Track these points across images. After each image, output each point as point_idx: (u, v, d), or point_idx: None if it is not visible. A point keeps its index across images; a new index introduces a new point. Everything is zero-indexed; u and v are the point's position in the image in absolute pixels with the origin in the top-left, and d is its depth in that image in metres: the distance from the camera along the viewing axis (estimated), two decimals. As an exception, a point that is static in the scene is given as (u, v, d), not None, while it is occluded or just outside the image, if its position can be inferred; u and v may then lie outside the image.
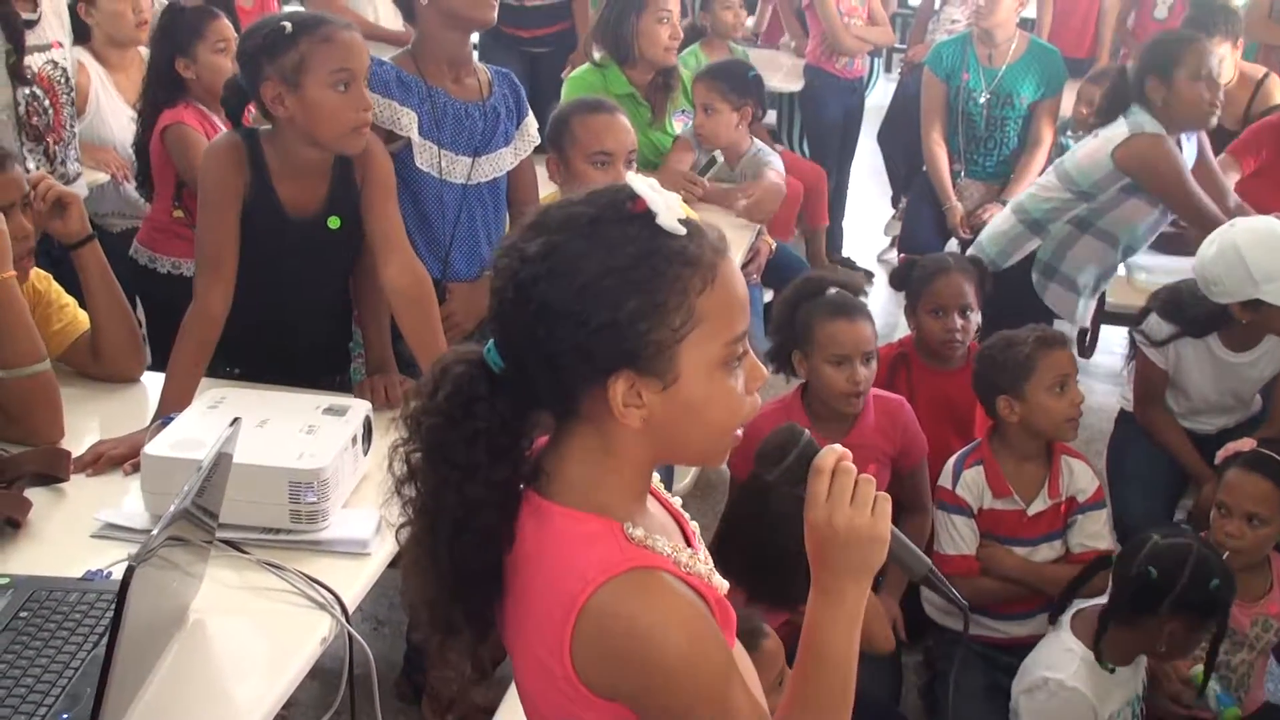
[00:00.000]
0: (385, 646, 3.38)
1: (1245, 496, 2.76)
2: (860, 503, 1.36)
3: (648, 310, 1.25)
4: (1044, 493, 2.98)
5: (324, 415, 2.24)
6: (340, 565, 2.05)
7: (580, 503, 1.32)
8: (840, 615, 1.37)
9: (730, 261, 1.33)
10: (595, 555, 1.28)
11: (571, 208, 1.30)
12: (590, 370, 1.26)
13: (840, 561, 1.36)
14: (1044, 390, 2.92)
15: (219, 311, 2.51)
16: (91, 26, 4.18)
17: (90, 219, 4.01)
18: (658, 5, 4.11)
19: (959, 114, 4.99)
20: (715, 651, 1.29)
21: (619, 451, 1.32)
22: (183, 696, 1.75)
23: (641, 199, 1.27)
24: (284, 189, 2.56)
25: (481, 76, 3.03)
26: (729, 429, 1.34)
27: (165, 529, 1.60)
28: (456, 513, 1.30)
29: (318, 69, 2.42)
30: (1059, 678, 2.62)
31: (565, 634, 1.27)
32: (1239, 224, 3.19)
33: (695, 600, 1.30)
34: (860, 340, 2.95)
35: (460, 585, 1.33)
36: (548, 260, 1.26)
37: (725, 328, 1.29)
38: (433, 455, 1.30)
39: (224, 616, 1.92)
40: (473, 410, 1.29)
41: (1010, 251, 3.99)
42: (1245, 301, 3.07)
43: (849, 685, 1.38)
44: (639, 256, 1.25)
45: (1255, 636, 2.84)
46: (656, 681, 1.26)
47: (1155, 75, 3.68)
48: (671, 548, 1.34)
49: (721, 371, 1.30)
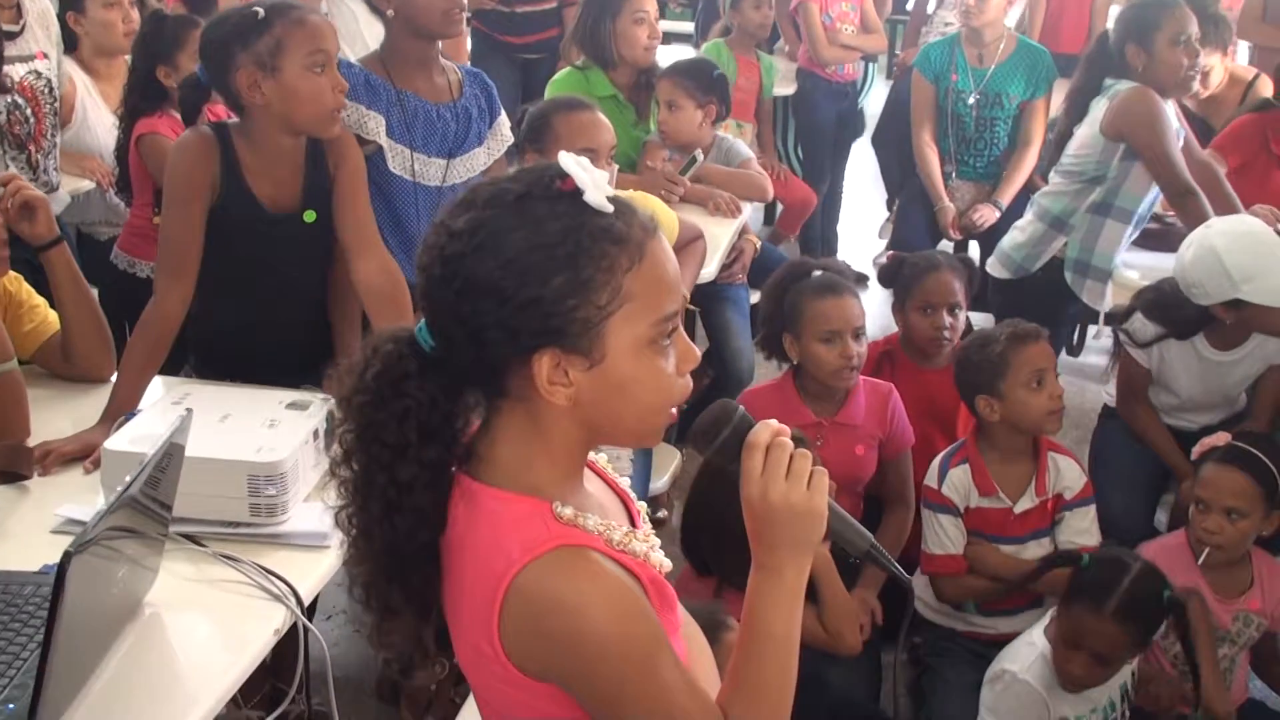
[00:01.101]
0: (367, 649, 3.36)
1: (1223, 491, 2.74)
2: (796, 477, 1.34)
3: (573, 287, 1.25)
4: (1030, 490, 2.95)
5: (286, 410, 2.24)
6: (299, 558, 2.05)
7: (510, 484, 1.32)
8: (780, 592, 1.36)
9: (661, 241, 1.32)
10: (521, 535, 1.27)
11: (500, 185, 1.30)
12: (515, 347, 1.26)
13: (777, 537, 1.35)
14: (1021, 386, 2.89)
15: (177, 311, 2.50)
16: (80, 36, 4.20)
17: (77, 228, 4.09)
18: (634, 6, 4.11)
19: (949, 115, 4.98)
20: (644, 628, 1.28)
21: (548, 431, 1.32)
22: (135, 686, 1.75)
23: (570, 177, 1.27)
24: (258, 183, 2.55)
25: (452, 77, 3.03)
26: (659, 409, 1.33)
27: (105, 517, 1.60)
28: (388, 492, 1.29)
29: (295, 52, 2.42)
30: (1013, 669, 2.62)
31: (493, 615, 1.26)
32: (1215, 225, 3.18)
33: (623, 577, 1.30)
34: (850, 315, 2.98)
35: (395, 565, 1.33)
36: (474, 236, 1.26)
37: (654, 307, 1.29)
38: (364, 434, 1.30)
39: (179, 608, 1.92)
40: (402, 388, 1.29)
41: (1038, 254, 3.98)
42: (1227, 302, 3.05)
43: (790, 663, 1.37)
44: (565, 233, 1.25)
45: (1237, 632, 2.82)
46: (584, 659, 1.26)
47: (1135, 42, 3.70)
48: (603, 526, 1.33)
49: (650, 351, 1.30)
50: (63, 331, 2.63)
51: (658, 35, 4.21)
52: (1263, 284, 2.99)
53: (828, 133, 5.89)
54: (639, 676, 1.28)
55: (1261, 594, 2.84)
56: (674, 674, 1.31)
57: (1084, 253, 3.87)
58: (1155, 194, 3.81)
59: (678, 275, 1.34)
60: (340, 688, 2.17)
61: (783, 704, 1.37)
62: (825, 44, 5.68)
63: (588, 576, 1.27)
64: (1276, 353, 3.20)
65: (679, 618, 1.46)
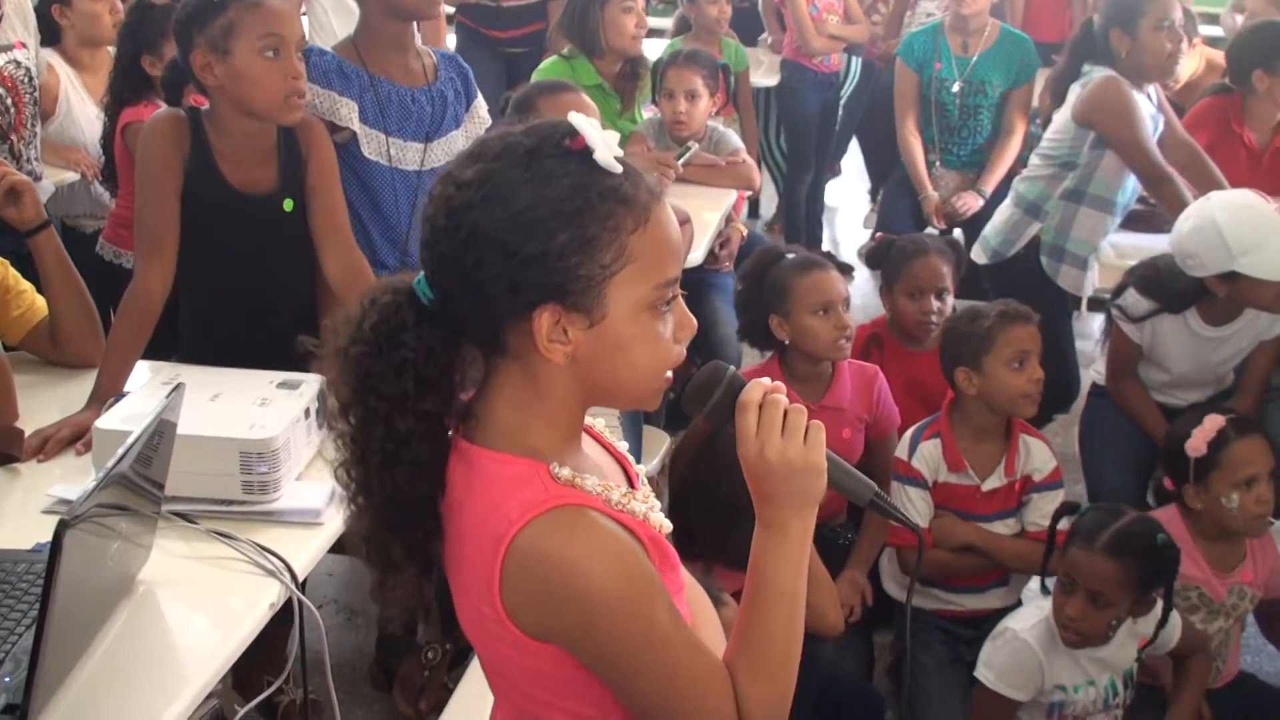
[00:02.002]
0: (360, 637, 3.38)
1: (1263, 457, 2.76)
2: (791, 432, 1.34)
3: (578, 244, 1.25)
4: (1000, 470, 2.95)
5: (277, 389, 2.23)
6: (292, 535, 2.05)
7: (507, 445, 1.31)
8: (786, 548, 1.36)
9: (665, 207, 1.32)
10: (520, 496, 1.27)
11: (510, 138, 1.29)
12: (517, 302, 1.26)
13: (779, 494, 1.35)
14: (1002, 364, 2.89)
15: (158, 292, 2.49)
16: (64, 28, 4.19)
17: (61, 220, 4.07)
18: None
19: (932, 104, 4.99)
20: (644, 584, 1.28)
21: (546, 391, 1.31)
22: (129, 661, 1.75)
23: (581, 135, 1.27)
24: (227, 164, 2.55)
25: (427, 61, 3.02)
26: (656, 372, 1.33)
27: (97, 491, 1.59)
28: (385, 444, 1.29)
29: (246, 34, 2.41)
30: (1015, 628, 2.62)
31: (494, 576, 1.26)
32: (1215, 198, 3.19)
33: (623, 535, 1.29)
34: (839, 287, 3.00)
35: (395, 518, 1.32)
36: (482, 188, 1.25)
37: (656, 269, 1.29)
38: (361, 386, 1.29)
39: (172, 585, 1.92)
40: (399, 339, 1.28)
41: (1013, 239, 4.00)
42: (1222, 274, 3.06)
43: (797, 619, 1.37)
44: (573, 190, 1.25)
45: (1232, 605, 2.84)
46: (585, 617, 1.25)
47: (1119, 27, 3.72)
48: (602, 486, 1.33)
49: (649, 314, 1.30)
50: (51, 316, 2.62)
51: (645, 25, 4.22)
52: (1259, 257, 3.00)
53: (812, 123, 5.89)
54: (641, 632, 1.27)
55: (1253, 566, 2.85)
56: (676, 630, 1.31)
57: (1059, 238, 3.90)
58: (1133, 182, 3.84)
59: (680, 242, 1.35)
60: (333, 674, 2.16)
61: (790, 661, 1.36)
62: (813, 33, 5.68)
63: (586, 534, 1.27)
64: (1266, 329, 3.22)
65: (682, 579, 1.45)
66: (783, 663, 1.35)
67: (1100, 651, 2.58)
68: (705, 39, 5.19)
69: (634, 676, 1.29)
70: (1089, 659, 2.58)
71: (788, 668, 1.36)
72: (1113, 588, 2.49)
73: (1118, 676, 2.61)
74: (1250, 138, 4.03)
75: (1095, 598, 2.50)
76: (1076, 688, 2.58)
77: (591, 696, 1.33)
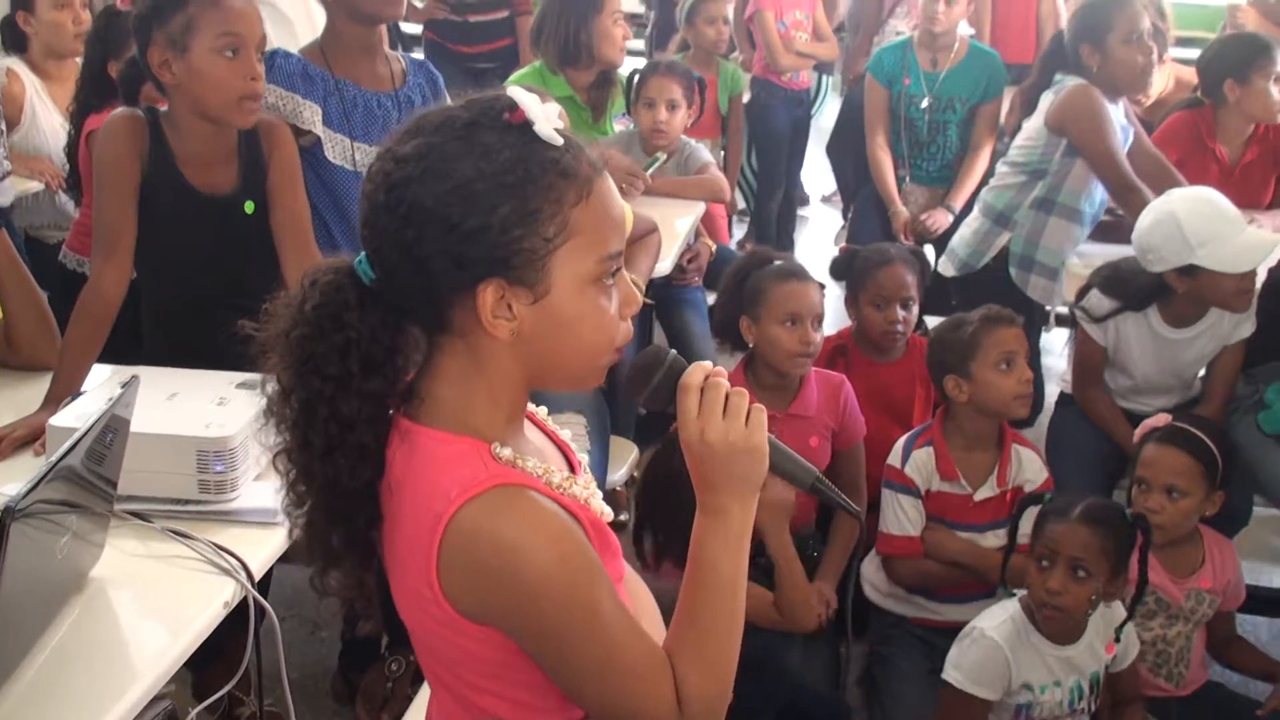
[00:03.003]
0: (323, 649, 3.35)
1: (1163, 470, 2.77)
2: (733, 414, 1.33)
3: (521, 217, 1.24)
4: (992, 479, 2.95)
5: (236, 389, 2.21)
6: (249, 534, 2.03)
7: (449, 424, 1.30)
8: (727, 534, 1.35)
9: (607, 180, 1.32)
10: (460, 474, 1.26)
11: (449, 112, 1.28)
12: (460, 277, 1.25)
13: (720, 477, 1.34)
14: (990, 367, 2.90)
15: (114, 292, 2.46)
16: (29, 36, 4.18)
17: (25, 231, 4.04)
18: (612, 7, 4.14)
19: (901, 119, 5.01)
20: (583, 565, 1.27)
21: (489, 369, 1.30)
22: (78, 656, 1.73)
23: (521, 108, 1.26)
24: (188, 165, 2.52)
25: (395, 66, 3.00)
26: (601, 349, 1.33)
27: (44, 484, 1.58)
28: (329, 427, 1.27)
29: (204, 32, 2.39)
30: (983, 626, 2.61)
31: (432, 555, 1.24)
32: (1174, 193, 3.23)
33: (563, 516, 1.28)
34: (812, 301, 2.99)
35: (336, 504, 1.30)
36: (422, 161, 1.24)
37: (599, 243, 1.29)
38: (303, 368, 1.27)
39: (125, 583, 1.90)
40: (343, 320, 1.27)
41: (982, 250, 4.03)
42: (1181, 269, 3.08)
43: (738, 604, 1.36)
44: (514, 162, 1.24)
45: (1190, 609, 2.83)
46: (523, 597, 1.24)
47: (1089, 42, 3.76)
48: (542, 469, 1.32)
49: (594, 289, 1.29)
50: (4, 320, 2.59)
51: (629, 35, 4.25)
52: (1217, 249, 3.03)
53: (783, 140, 5.92)
54: (580, 613, 1.26)
55: (1213, 572, 2.85)
56: (616, 613, 1.30)
57: (1028, 247, 3.92)
58: (1101, 192, 3.86)
59: (623, 215, 1.34)
60: (294, 688, 2.13)
61: (730, 647, 1.35)
62: (782, 51, 5.72)
63: (526, 514, 1.25)
64: (1229, 333, 3.23)
65: (623, 568, 1.44)
66: (723, 648, 1.34)
67: (1067, 650, 2.57)
68: (703, 60, 5.20)
69: (572, 659, 1.28)
70: (1056, 658, 2.57)
71: (728, 653, 1.35)
72: (1092, 554, 2.49)
73: (1084, 679, 2.60)
74: (1222, 151, 4.05)
75: (1075, 568, 2.50)
76: (1043, 688, 2.57)
77: (529, 682, 1.31)
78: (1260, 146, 4.06)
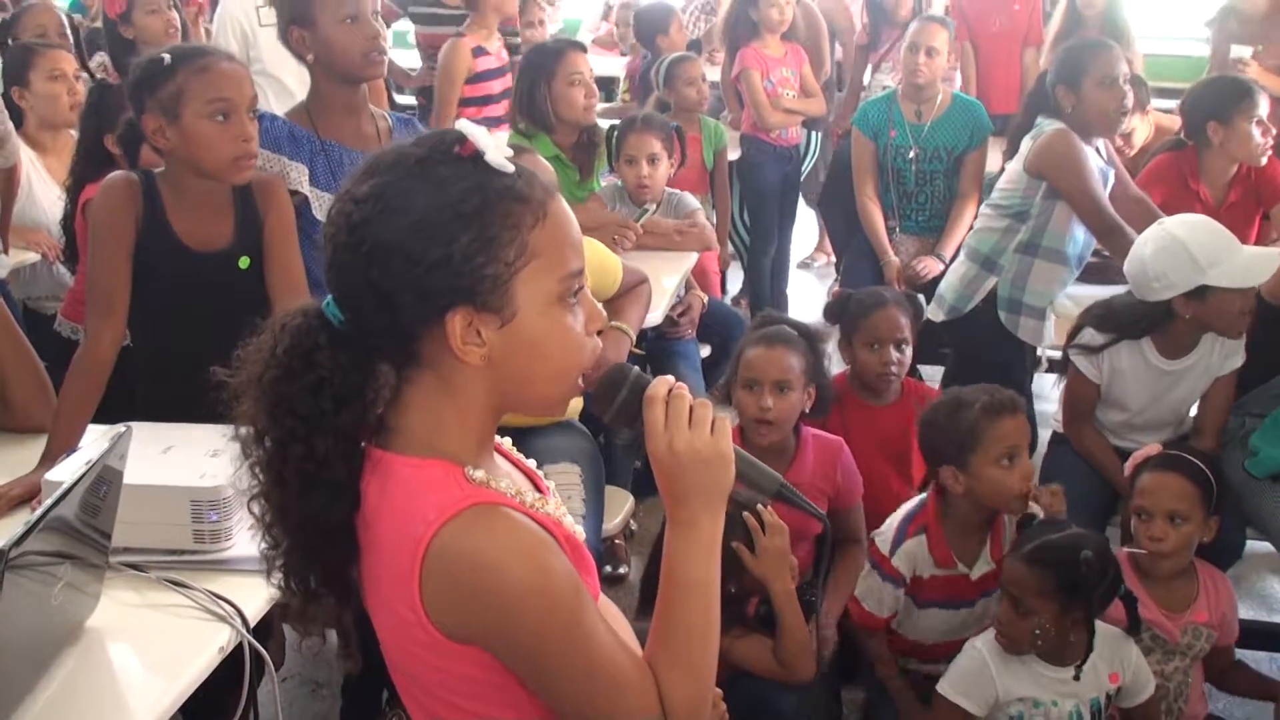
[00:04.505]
0: (324, 708, 3.35)
1: (1165, 496, 2.76)
2: (698, 424, 1.36)
3: (480, 245, 1.27)
4: (985, 554, 2.85)
5: (230, 442, 2.22)
6: (244, 582, 2.04)
7: (421, 450, 1.33)
8: (697, 544, 1.38)
9: (561, 202, 1.36)
10: (436, 498, 1.28)
11: (401, 151, 1.32)
12: (427, 308, 1.28)
13: (688, 487, 1.37)
14: (991, 464, 2.73)
15: (108, 353, 2.51)
16: (25, 110, 4.24)
17: (23, 302, 4.08)
18: (567, 70, 4.20)
19: (889, 170, 5.06)
20: (562, 579, 1.29)
21: (460, 394, 1.33)
22: (74, 703, 1.75)
23: (470, 141, 1.30)
24: (180, 223, 2.57)
25: (381, 124, 3.08)
26: (571, 369, 1.36)
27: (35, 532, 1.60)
28: (304, 465, 1.29)
29: (195, 99, 2.46)
30: (975, 641, 2.64)
31: (414, 579, 1.27)
32: (1168, 221, 3.24)
33: (539, 531, 1.31)
34: (770, 367, 2.96)
35: (312, 542, 1.33)
36: (380, 200, 1.28)
37: (559, 263, 1.32)
38: (277, 409, 1.30)
39: (121, 632, 1.92)
40: (313, 360, 1.30)
41: (969, 294, 4.07)
42: (1189, 293, 3.09)
43: (711, 612, 1.39)
44: (469, 192, 1.28)
45: (1187, 645, 2.83)
46: (504, 613, 1.26)
47: (1064, 84, 3.83)
48: (515, 490, 1.35)
49: (559, 308, 1.32)
50: (0, 382, 2.61)
51: (595, 94, 4.29)
52: (1227, 267, 3.05)
53: (773, 196, 5.96)
54: (560, 626, 1.28)
55: (1208, 606, 2.84)
56: (596, 625, 1.32)
57: (1015, 290, 3.97)
58: (1084, 234, 3.90)
59: (580, 236, 1.38)
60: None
61: (708, 650, 1.38)
62: (769, 109, 5.78)
63: (504, 531, 1.28)
64: (1219, 365, 3.25)
65: (597, 587, 1.46)
66: (701, 652, 1.37)
67: (1062, 673, 2.58)
68: (684, 119, 5.26)
69: (555, 674, 1.30)
70: (1052, 679, 2.59)
71: (707, 657, 1.38)
72: (1029, 594, 2.51)
73: (1084, 705, 2.60)
74: (1205, 192, 4.08)
75: (1016, 603, 2.53)
76: (1038, 703, 2.58)
77: (512, 701, 1.33)
78: (1243, 187, 4.09)
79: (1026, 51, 6.26)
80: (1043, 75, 4.06)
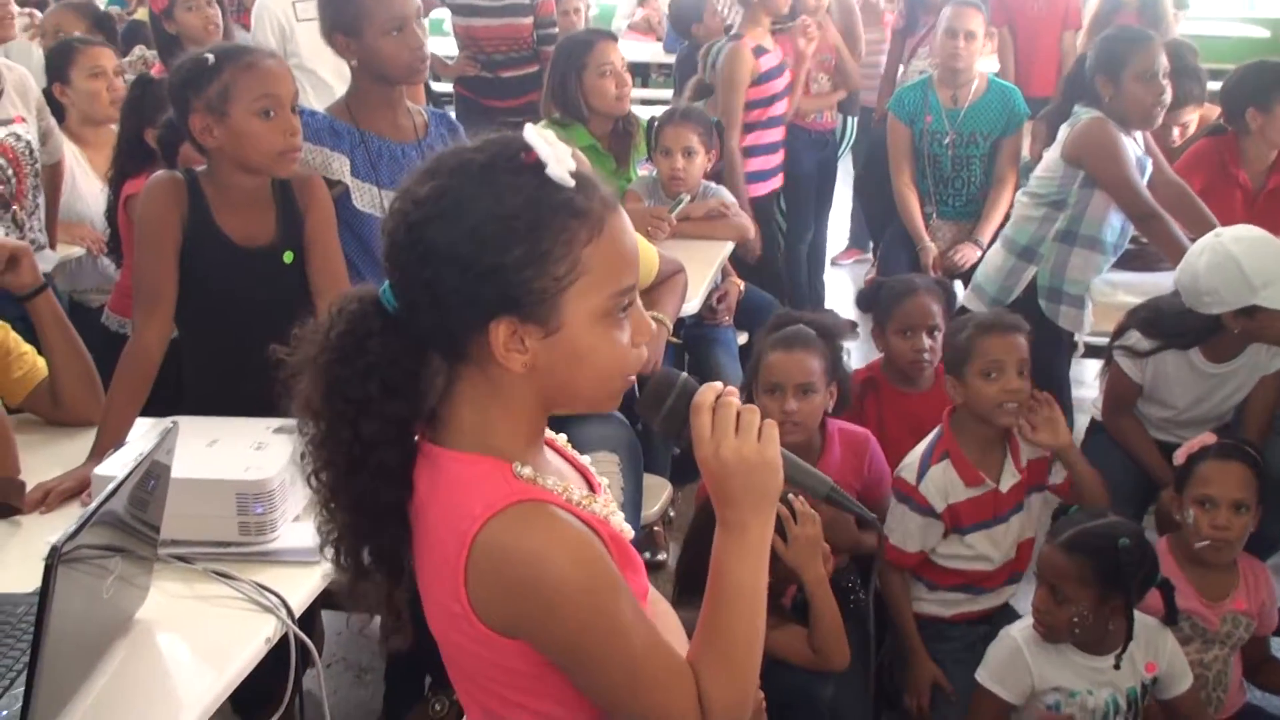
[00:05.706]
0: (367, 695, 3.39)
1: (1231, 485, 2.75)
2: (745, 431, 1.37)
3: (532, 259, 1.28)
4: (1009, 465, 2.95)
5: (274, 434, 2.26)
6: (289, 573, 2.08)
7: (471, 446, 1.35)
8: (745, 547, 1.39)
9: (620, 216, 1.36)
10: (483, 493, 1.31)
11: (465, 154, 1.33)
12: (474, 314, 1.30)
13: (736, 493, 1.38)
14: (977, 374, 2.91)
15: (156, 348, 2.55)
16: (66, 106, 4.29)
17: (70, 295, 4.14)
18: (597, 61, 4.20)
19: (925, 156, 5.05)
20: (604, 576, 1.31)
21: (506, 395, 1.35)
22: (125, 694, 1.78)
23: (534, 150, 1.30)
24: (226, 220, 2.61)
25: (418, 119, 3.14)
26: (615, 376, 1.38)
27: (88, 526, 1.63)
28: (352, 448, 1.32)
29: (242, 97, 2.50)
30: (1011, 629, 2.67)
31: (459, 572, 1.29)
32: (1225, 234, 3.19)
33: (583, 529, 1.33)
34: (791, 371, 2.95)
35: (363, 522, 1.36)
36: (438, 203, 1.30)
37: (610, 280, 1.33)
38: (329, 391, 1.32)
39: (169, 624, 1.96)
40: (366, 346, 1.32)
41: (1010, 285, 4.05)
42: (1239, 310, 3.07)
43: (759, 616, 1.40)
44: (526, 205, 1.29)
45: (1226, 634, 2.83)
46: (546, 607, 1.28)
47: (1104, 74, 3.81)
48: (562, 487, 1.37)
49: (606, 322, 1.33)
50: (51, 377, 2.67)
51: (627, 84, 4.28)
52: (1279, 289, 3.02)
53: (810, 182, 5.94)
54: (601, 622, 1.30)
55: (1247, 594, 2.84)
56: (639, 624, 1.34)
57: (1055, 280, 3.95)
58: (1122, 221, 3.88)
59: (636, 250, 1.38)
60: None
61: (752, 657, 1.39)
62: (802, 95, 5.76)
63: (547, 527, 1.30)
64: (1265, 364, 3.23)
65: (646, 584, 1.48)
66: (745, 658, 1.38)
67: (1098, 662, 2.59)
68: None
69: (598, 669, 1.32)
70: (1088, 668, 2.60)
71: (750, 664, 1.39)
72: (1067, 582, 2.55)
73: (1120, 694, 2.61)
74: (1245, 178, 4.05)
75: (1054, 591, 2.57)
76: (1074, 693, 2.60)
77: (559, 695, 1.35)
78: (1283, 173, 4.07)
79: (1065, 35, 6.22)
80: (1080, 59, 4.04)
